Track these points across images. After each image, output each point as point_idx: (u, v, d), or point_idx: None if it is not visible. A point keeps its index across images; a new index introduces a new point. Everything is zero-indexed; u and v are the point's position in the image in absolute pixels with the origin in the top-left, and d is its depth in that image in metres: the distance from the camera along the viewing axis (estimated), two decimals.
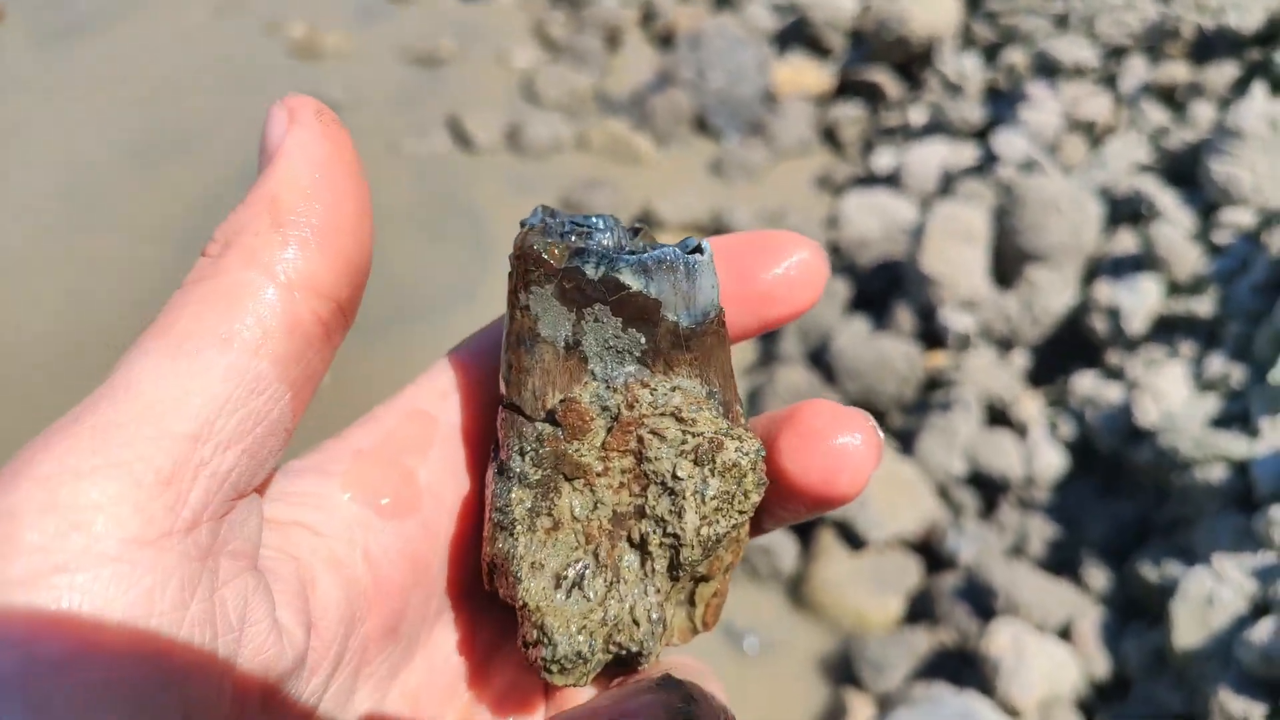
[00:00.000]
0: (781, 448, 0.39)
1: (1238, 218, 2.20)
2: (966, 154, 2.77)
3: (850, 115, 3.18)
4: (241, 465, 0.31)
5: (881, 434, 0.40)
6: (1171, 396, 1.94)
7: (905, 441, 2.17)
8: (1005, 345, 2.27)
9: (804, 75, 3.37)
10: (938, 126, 2.93)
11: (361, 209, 0.34)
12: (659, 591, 0.39)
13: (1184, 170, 2.44)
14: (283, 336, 0.32)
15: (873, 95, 3.21)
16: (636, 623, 0.39)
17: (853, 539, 2.01)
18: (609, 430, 0.38)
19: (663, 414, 0.38)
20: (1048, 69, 2.88)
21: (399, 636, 0.39)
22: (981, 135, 2.85)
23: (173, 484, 0.29)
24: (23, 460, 0.29)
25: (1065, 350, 2.22)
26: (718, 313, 0.38)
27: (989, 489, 2.05)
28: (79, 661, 0.26)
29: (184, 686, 0.28)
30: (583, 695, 0.46)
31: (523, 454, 0.38)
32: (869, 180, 2.91)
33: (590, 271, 0.36)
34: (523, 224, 0.39)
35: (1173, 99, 2.68)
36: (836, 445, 0.39)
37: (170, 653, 0.28)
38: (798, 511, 0.41)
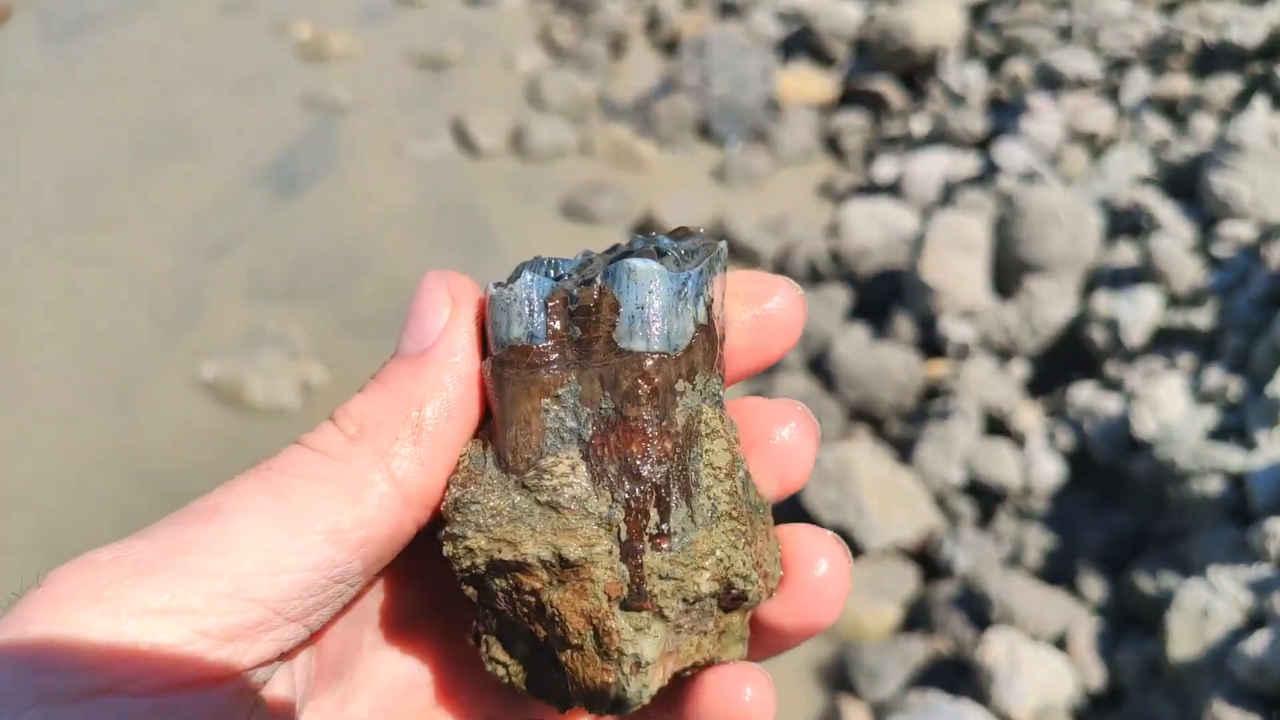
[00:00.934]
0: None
1: (1237, 231, 2.21)
2: (968, 164, 2.78)
3: (853, 124, 3.20)
4: (299, 635, 0.33)
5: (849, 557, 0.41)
6: (1169, 408, 1.94)
7: (904, 450, 2.17)
8: (1004, 355, 2.27)
9: (807, 83, 3.38)
10: (940, 136, 2.94)
11: (474, 422, 0.36)
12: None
13: (1184, 183, 2.45)
14: (383, 542, 0.33)
15: (876, 105, 3.22)
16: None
17: (850, 546, 2.02)
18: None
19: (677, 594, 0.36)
20: (1050, 80, 2.89)
21: (340, 672, 0.39)
22: (983, 146, 2.86)
23: (230, 641, 0.30)
24: (110, 575, 0.30)
25: (1064, 361, 2.22)
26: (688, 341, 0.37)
27: (986, 498, 2.05)
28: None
29: None
30: None
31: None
32: (870, 189, 2.92)
33: None
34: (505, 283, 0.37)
35: (1174, 112, 2.69)
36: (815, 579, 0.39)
37: None
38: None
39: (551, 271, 0.38)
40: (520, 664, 0.39)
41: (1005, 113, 2.91)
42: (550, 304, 0.37)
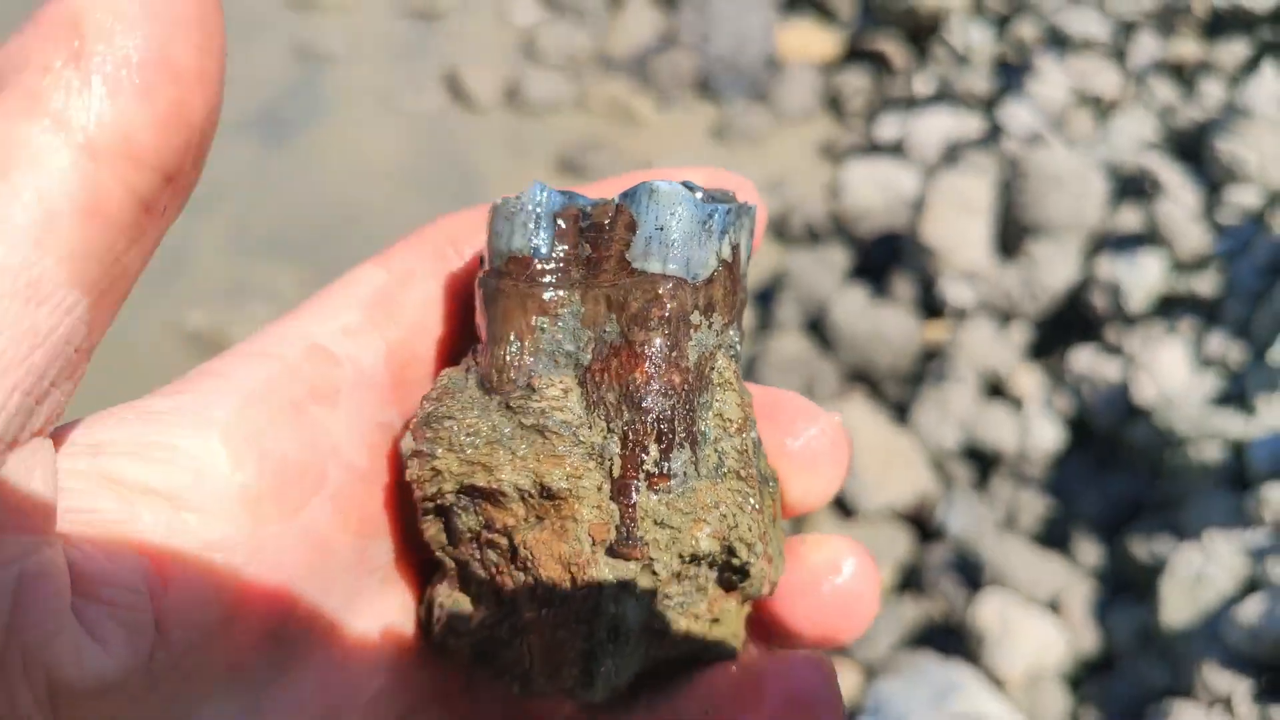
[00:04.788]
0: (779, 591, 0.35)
1: (1243, 197, 2.18)
2: (972, 125, 2.74)
3: (855, 83, 3.14)
4: (10, 405, 0.22)
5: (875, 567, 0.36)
6: (1170, 374, 1.93)
7: (900, 412, 2.15)
8: (1004, 318, 2.25)
9: (810, 41, 3.32)
10: (943, 97, 2.89)
11: (204, 41, 0.24)
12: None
13: (1190, 148, 2.41)
14: (78, 222, 0.22)
15: (879, 64, 3.17)
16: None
17: (843, 508, 2.00)
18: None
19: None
20: (1057, 42, 2.84)
21: (283, 638, 0.31)
22: (988, 107, 2.82)
23: None
24: None
25: (1064, 325, 2.20)
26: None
27: (983, 462, 2.04)
28: None
29: None
30: None
31: None
32: (872, 149, 2.88)
33: None
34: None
35: (1182, 76, 2.65)
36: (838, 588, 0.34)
37: None
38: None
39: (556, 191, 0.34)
40: (477, 632, 0.33)
41: (1011, 74, 2.87)
42: (559, 217, 0.33)
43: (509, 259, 0.33)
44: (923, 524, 2.01)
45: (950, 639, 1.79)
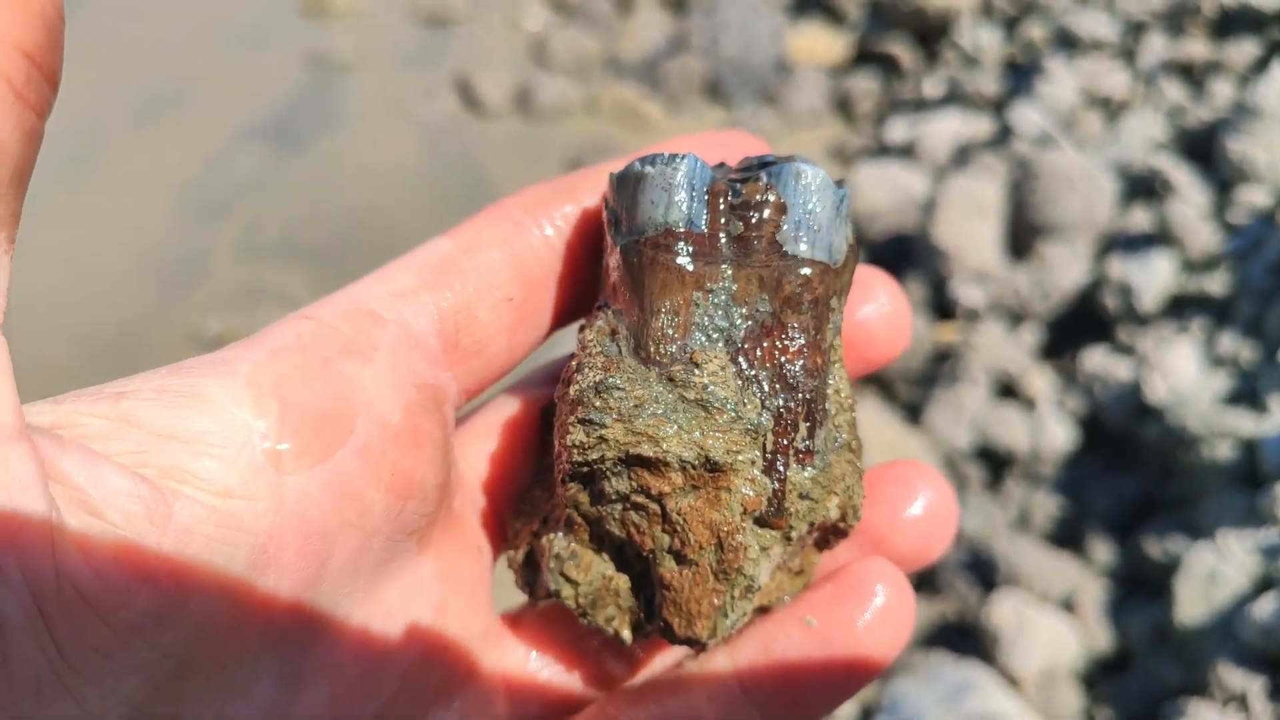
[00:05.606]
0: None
1: (1253, 197, 2.19)
2: (981, 127, 2.74)
3: (864, 86, 3.15)
4: None
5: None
6: (1181, 374, 1.93)
7: (913, 413, 2.16)
8: (1015, 319, 2.26)
9: (819, 44, 3.33)
10: (953, 99, 2.90)
11: None
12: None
13: (1200, 148, 2.42)
14: None
15: (888, 66, 3.18)
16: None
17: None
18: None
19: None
20: (1066, 43, 2.85)
21: (317, 596, 0.30)
22: (997, 108, 2.82)
23: None
24: None
25: (1076, 326, 2.21)
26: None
27: (995, 462, 2.05)
28: None
29: None
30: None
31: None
32: (882, 151, 2.89)
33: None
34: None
35: (1191, 76, 2.65)
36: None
37: None
38: None
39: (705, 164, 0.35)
40: (591, 585, 0.35)
41: (1020, 75, 2.87)
42: (712, 192, 0.34)
43: (665, 230, 0.33)
44: None
45: (964, 638, 1.80)
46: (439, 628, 0.35)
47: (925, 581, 1.94)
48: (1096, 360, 2.07)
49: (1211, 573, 1.63)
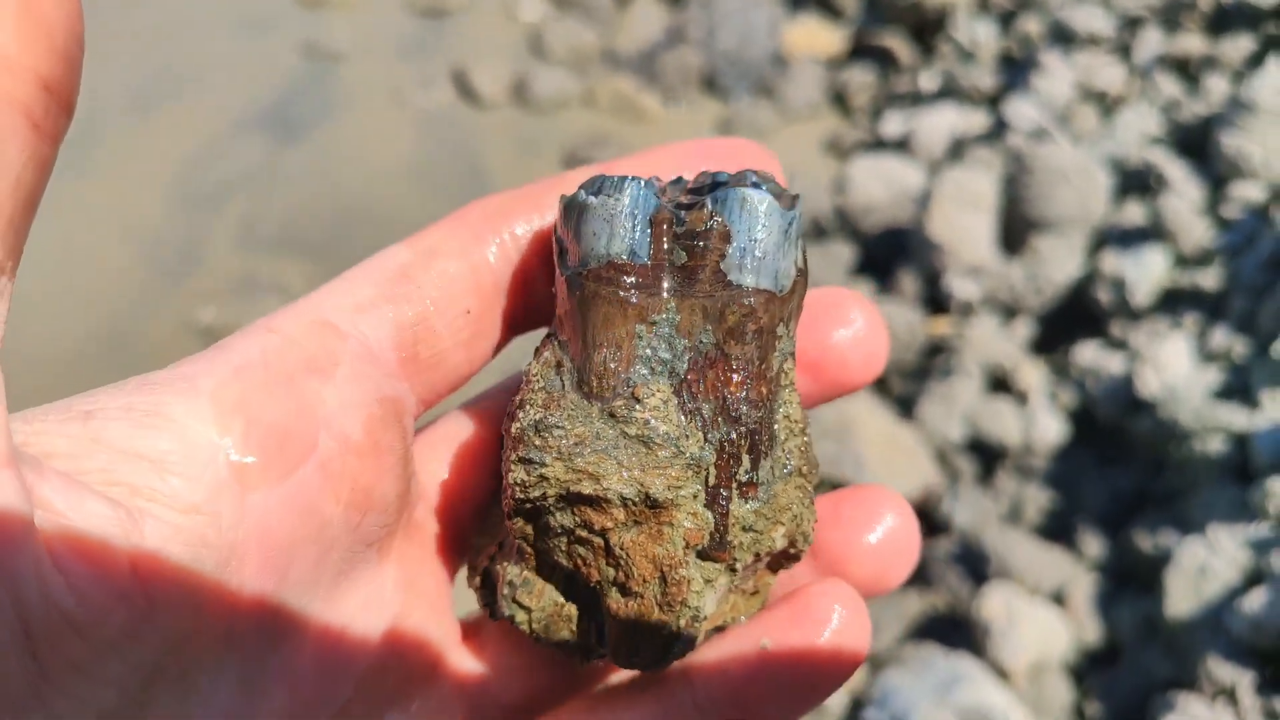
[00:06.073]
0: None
1: (1247, 192, 2.19)
2: (977, 121, 2.74)
3: (861, 79, 3.15)
4: None
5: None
6: (1173, 368, 1.94)
7: (905, 406, 2.17)
8: (1009, 313, 2.26)
9: (815, 37, 3.33)
10: (949, 93, 2.90)
11: None
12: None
13: (1195, 143, 2.42)
14: None
15: (884, 60, 3.18)
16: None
17: None
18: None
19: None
20: (1062, 37, 2.85)
21: (279, 606, 0.31)
22: (993, 102, 2.82)
23: None
24: None
25: (1069, 320, 2.21)
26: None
27: (987, 455, 2.05)
28: None
29: None
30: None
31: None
32: (877, 145, 2.88)
33: None
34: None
35: (1187, 71, 2.66)
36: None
37: None
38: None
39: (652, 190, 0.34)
40: (544, 611, 0.36)
41: (1016, 69, 2.87)
42: (654, 221, 0.33)
43: (608, 263, 0.33)
44: (928, 517, 2.02)
45: (955, 631, 1.81)
46: (397, 633, 0.36)
47: (917, 574, 1.95)
48: (1089, 354, 2.07)
49: (1202, 567, 1.64)
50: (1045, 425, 2.01)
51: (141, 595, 0.27)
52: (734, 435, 0.33)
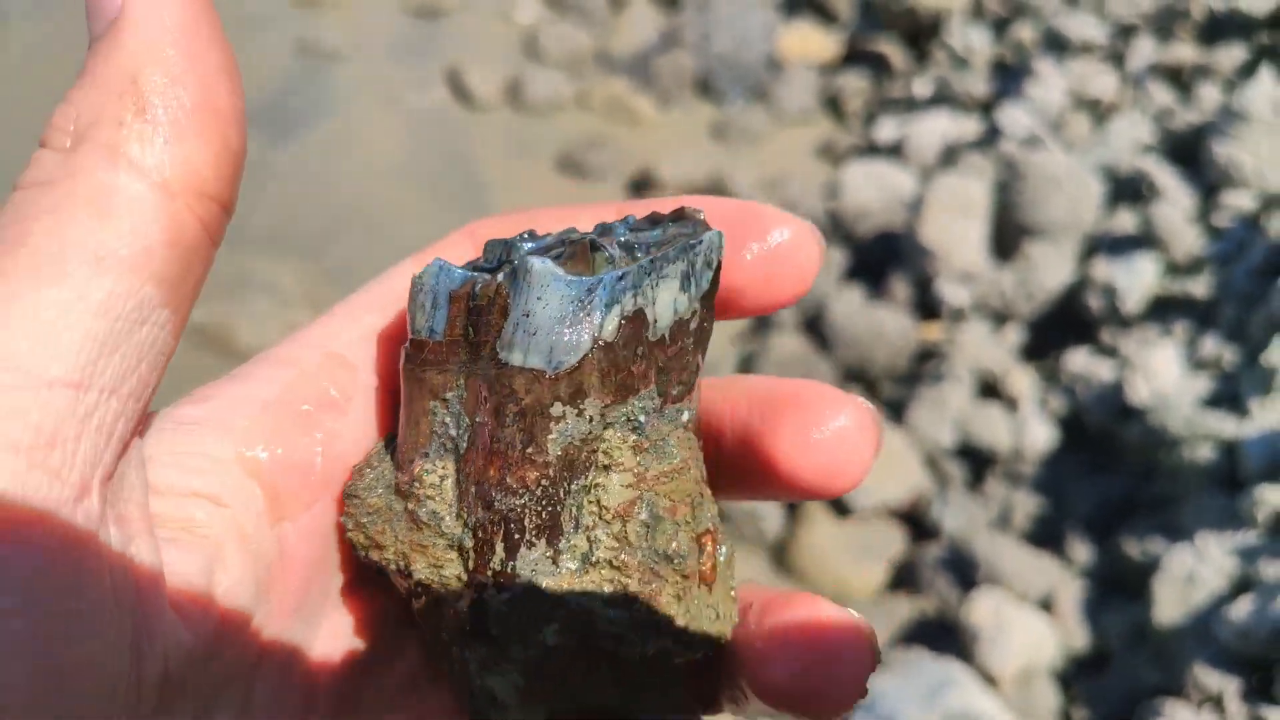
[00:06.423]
0: (776, 431, 0.33)
1: (1238, 201, 2.20)
2: (970, 127, 2.75)
3: (855, 85, 3.16)
4: (128, 410, 0.26)
5: (878, 420, 0.35)
6: (1163, 376, 1.94)
7: (896, 411, 2.17)
8: (1000, 319, 2.26)
9: (810, 42, 3.34)
10: (942, 99, 2.91)
11: (234, 85, 0.28)
12: None
13: (1187, 151, 2.43)
14: (167, 251, 0.26)
15: (878, 65, 3.18)
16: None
17: (839, 506, 2.02)
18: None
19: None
20: (1056, 45, 2.86)
21: (299, 618, 0.34)
22: (986, 109, 2.83)
23: (57, 445, 0.24)
24: None
25: (1059, 326, 2.22)
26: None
27: (977, 461, 2.05)
28: None
29: (83, 681, 0.25)
30: None
31: None
32: (870, 150, 2.89)
33: None
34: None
35: (1179, 80, 2.67)
36: (834, 431, 0.33)
37: (67, 650, 0.24)
38: (785, 497, 0.36)
39: (493, 254, 0.34)
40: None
41: (1009, 76, 2.88)
42: (455, 297, 0.33)
43: (412, 340, 0.33)
44: (917, 522, 2.02)
45: (943, 636, 1.80)
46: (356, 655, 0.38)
47: (905, 579, 1.95)
48: (1079, 361, 2.08)
49: (1190, 574, 1.64)
50: (1035, 431, 2.02)
51: (217, 629, 0.30)
52: (487, 522, 0.32)
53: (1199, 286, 2.08)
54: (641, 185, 2.91)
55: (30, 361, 0.24)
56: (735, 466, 0.35)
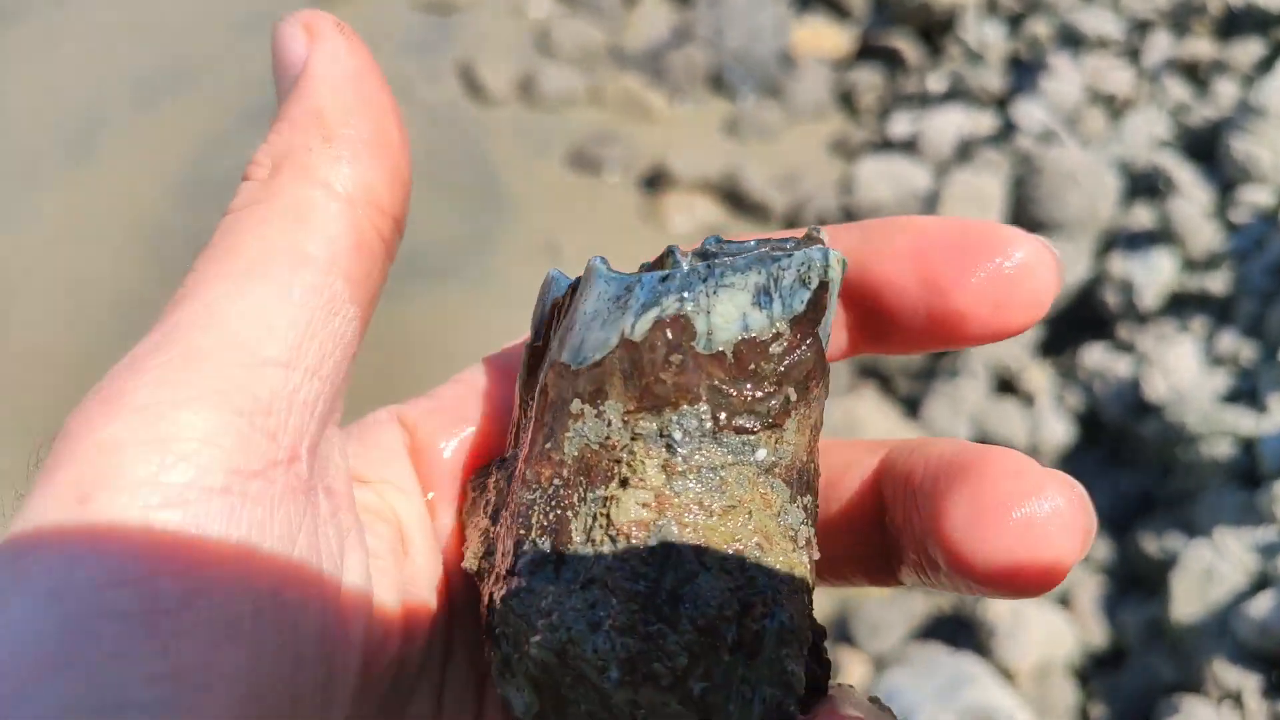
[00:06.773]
0: (951, 513, 0.29)
1: (1256, 196, 2.19)
2: (985, 123, 2.74)
3: (868, 80, 3.15)
4: (326, 392, 0.30)
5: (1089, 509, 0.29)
6: (1181, 372, 1.94)
7: (911, 407, 2.17)
8: None
9: (823, 37, 3.33)
10: (957, 94, 2.90)
11: (399, 121, 0.33)
12: None
13: (1204, 147, 2.42)
14: (352, 254, 0.31)
15: (892, 61, 3.17)
16: None
17: None
18: None
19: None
20: (1071, 40, 2.85)
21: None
22: (1001, 104, 2.82)
23: (272, 413, 0.28)
24: (115, 388, 0.28)
25: (1076, 322, 2.21)
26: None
27: None
28: (200, 596, 0.25)
29: (297, 621, 0.28)
30: None
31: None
32: (885, 146, 2.88)
33: None
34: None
35: (1196, 75, 2.65)
36: (1027, 519, 0.28)
37: (284, 586, 0.27)
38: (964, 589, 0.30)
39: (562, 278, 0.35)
40: None
41: (1024, 72, 2.87)
42: (556, 304, 0.34)
43: (526, 347, 0.35)
44: None
45: (960, 631, 1.80)
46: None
47: None
48: (1096, 357, 2.07)
49: (1208, 570, 1.63)
50: (1052, 428, 2.01)
51: (407, 619, 0.33)
52: (506, 515, 0.31)
53: (1216, 282, 2.07)
54: (654, 181, 2.91)
55: (252, 343, 0.28)
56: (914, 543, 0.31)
